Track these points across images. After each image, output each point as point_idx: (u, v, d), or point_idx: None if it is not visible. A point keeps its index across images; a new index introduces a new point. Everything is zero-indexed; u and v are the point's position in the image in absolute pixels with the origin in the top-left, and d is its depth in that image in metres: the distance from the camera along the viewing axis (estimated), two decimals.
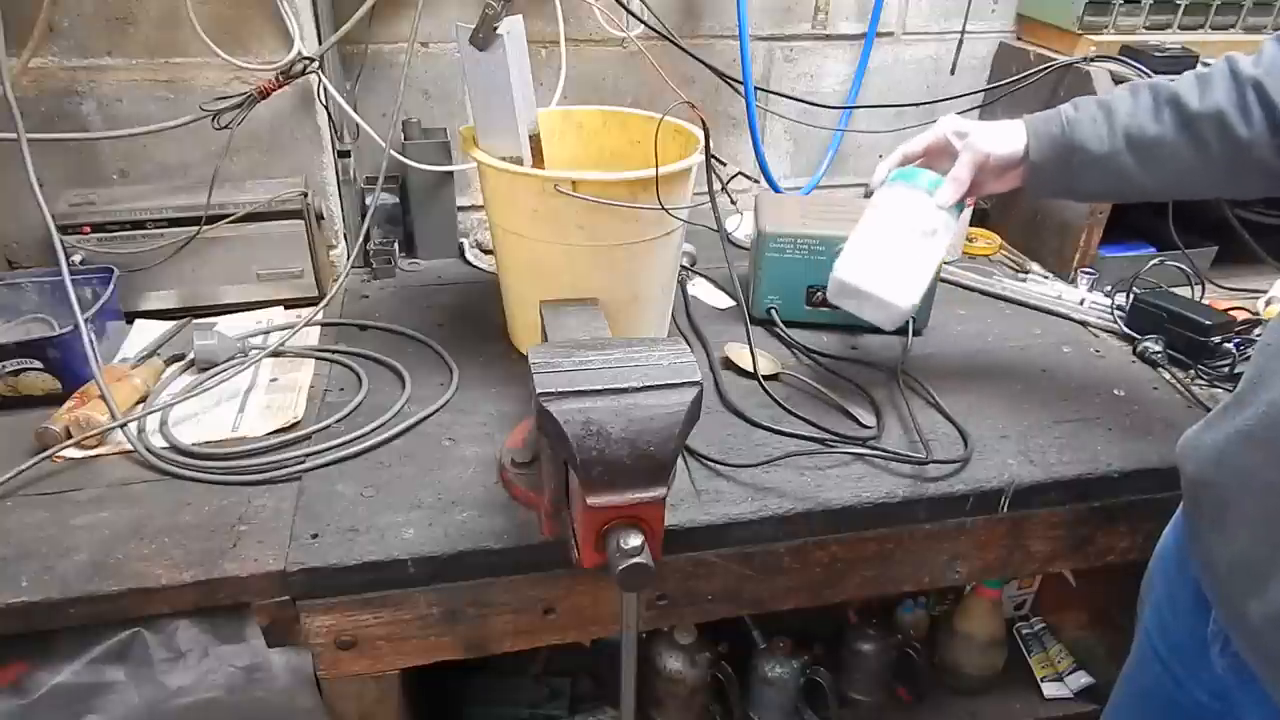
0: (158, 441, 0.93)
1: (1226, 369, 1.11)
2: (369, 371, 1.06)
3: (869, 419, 1.00)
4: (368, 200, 1.28)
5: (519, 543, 0.82)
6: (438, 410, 1.00)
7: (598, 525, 0.64)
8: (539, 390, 0.63)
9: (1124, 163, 0.86)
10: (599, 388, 0.63)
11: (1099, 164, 0.86)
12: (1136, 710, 0.91)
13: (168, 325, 1.16)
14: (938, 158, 0.95)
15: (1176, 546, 0.83)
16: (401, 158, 1.29)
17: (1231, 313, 1.19)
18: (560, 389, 0.63)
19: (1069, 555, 1.03)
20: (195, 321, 1.17)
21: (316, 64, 1.13)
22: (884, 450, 0.94)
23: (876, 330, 1.19)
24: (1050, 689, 1.49)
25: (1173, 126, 0.83)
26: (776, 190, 1.53)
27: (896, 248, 0.93)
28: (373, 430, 0.95)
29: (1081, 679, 1.48)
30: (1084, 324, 1.26)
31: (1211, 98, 0.81)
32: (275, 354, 1.08)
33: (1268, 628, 0.67)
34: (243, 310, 1.21)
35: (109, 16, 1.09)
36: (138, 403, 0.99)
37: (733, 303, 1.28)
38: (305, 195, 1.18)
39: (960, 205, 0.94)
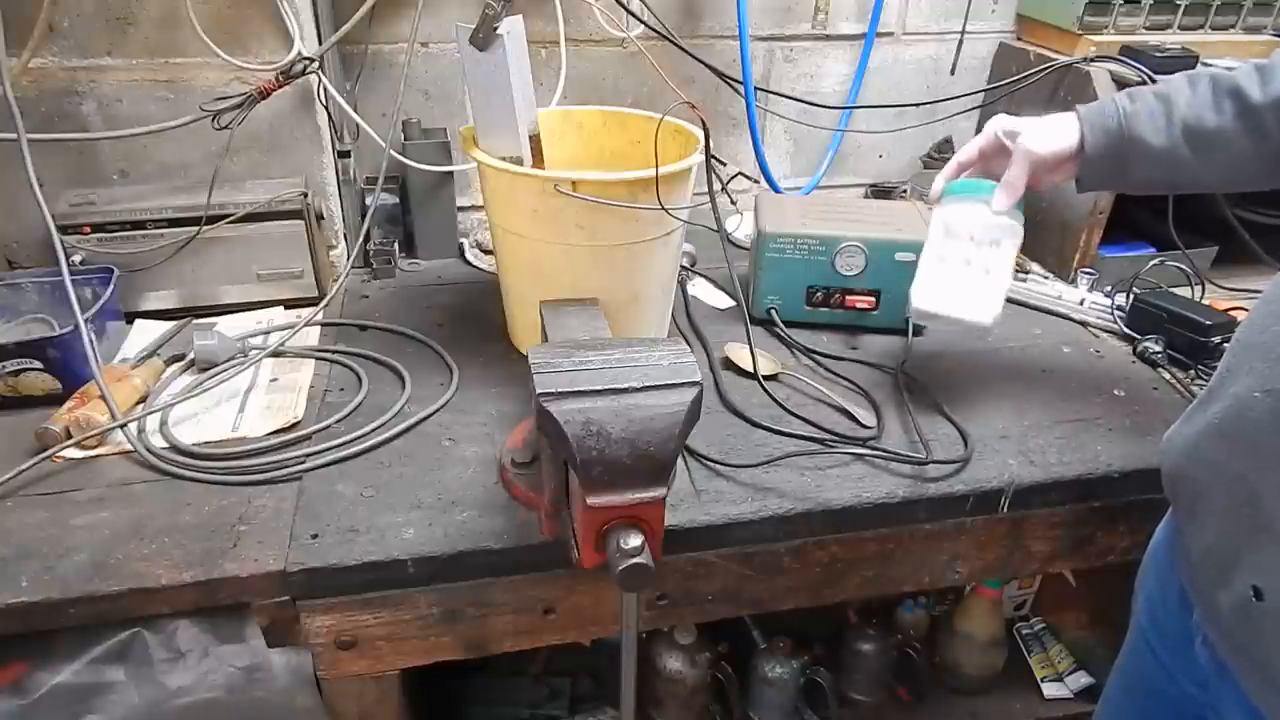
0: (158, 441, 0.93)
1: None
2: (369, 371, 1.06)
3: (869, 419, 1.00)
4: (368, 200, 1.28)
5: (519, 543, 0.82)
6: (438, 410, 1.00)
7: (598, 525, 0.64)
8: (539, 390, 0.63)
9: (1181, 155, 0.84)
10: (599, 388, 0.63)
11: (1155, 156, 0.85)
12: (1129, 701, 0.93)
13: (168, 325, 1.16)
14: (993, 159, 0.95)
15: (1167, 541, 0.85)
16: (401, 158, 1.29)
17: (1231, 313, 1.18)
18: (560, 389, 0.63)
19: (1069, 555, 1.03)
20: (195, 321, 1.17)
21: (316, 64, 1.13)
22: (884, 450, 0.94)
23: (877, 330, 1.20)
24: (1050, 689, 1.49)
25: (1233, 117, 0.82)
26: (776, 190, 1.53)
27: (965, 266, 0.95)
28: (373, 430, 0.95)
29: (1081, 679, 1.48)
30: (1084, 324, 1.26)
31: (1274, 87, 0.81)
32: (275, 354, 1.08)
33: (1234, 618, 0.69)
34: (243, 310, 1.21)
35: (109, 16, 1.09)
36: (138, 403, 0.99)
37: (733, 303, 1.29)
38: (305, 195, 1.18)
39: (1021, 204, 0.94)
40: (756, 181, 1.39)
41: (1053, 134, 0.89)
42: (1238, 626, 0.69)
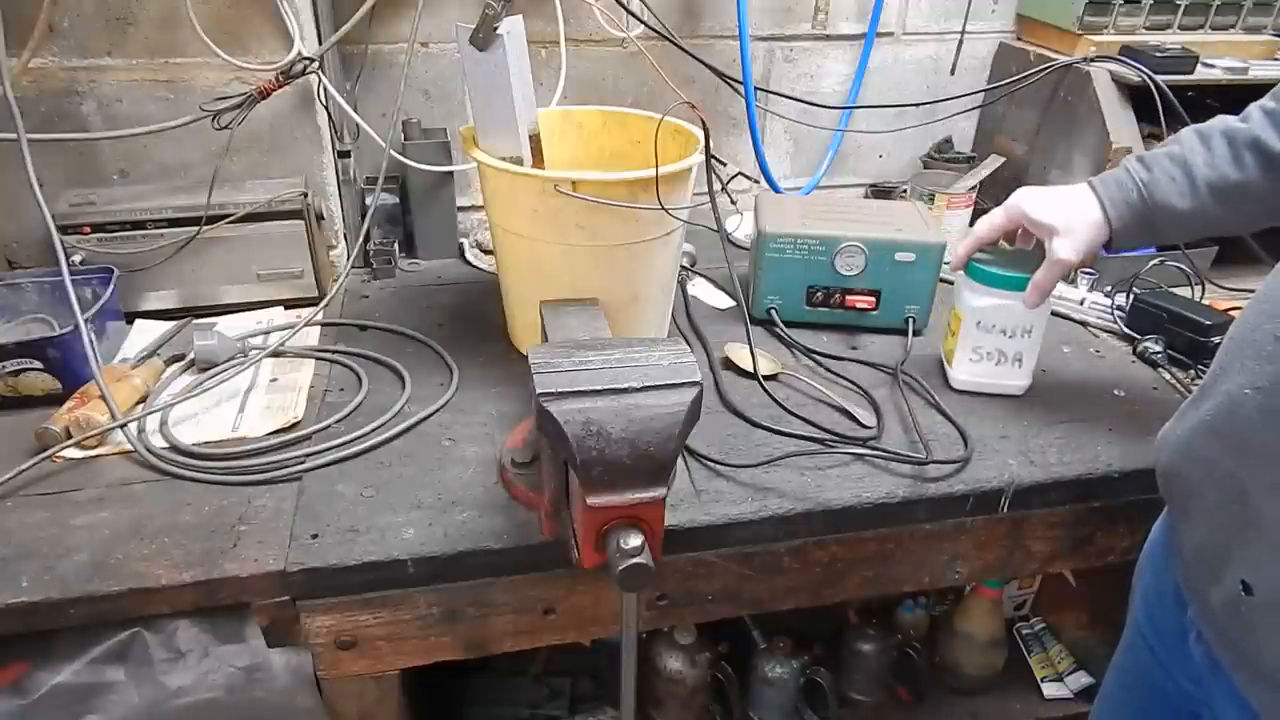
0: (158, 441, 0.93)
1: None
2: (369, 371, 1.06)
3: (869, 419, 1.00)
4: (368, 200, 1.28)
5: (519, 543, 0.82)
6: (438, 410, 1.00)
7: (598, 525, 0.64)
8: (539, 390, 0.63)
9: (1210, 212, 0.84)
10: (599, 388, 0.63)
11: (1184, 218, 0.85)
12: (1127, 698, 0.93)
13: (168, 325, 1.16)
14: (1014, 234, 0.98)
15: (1163, 538, 0.85)
16: (401, 158, 1.29)
17: (1231, 313, 1.18)
18: (560, 389, 0.63)
19: (1069, 555, 1.03)
20: (195, 321, 1.17)
21: (316, 64, 1.13)
22: (884, 450, 0.94)
23: (876, 330, 1.20)
24: (1050, 689, 1.49)
25: (1257, 170, 0.81)
26: (776, 190, 1.53)
27: (1000, 356, 1.03)
28: (373, 430, 0.95)
29: (1081, 679, 1.48)
30: (1084, 324, 1.26)
31: None
32: (275, 354, 1.08)
33: (1225, 613, 0.70)
34: (243, 310, 1.21)
35: (109, 16, 1.09)
36: (138, 403, 0.99)
37: (733, 303, 1.28)
38: (305, 195, 1.18)
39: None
40: (756, 181, 1.39)
41: (1083, 237, 0.87)
42: (1229, 622, 0.70)
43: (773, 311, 1.19)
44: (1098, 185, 0.88)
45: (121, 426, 0.92)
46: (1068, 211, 0.88)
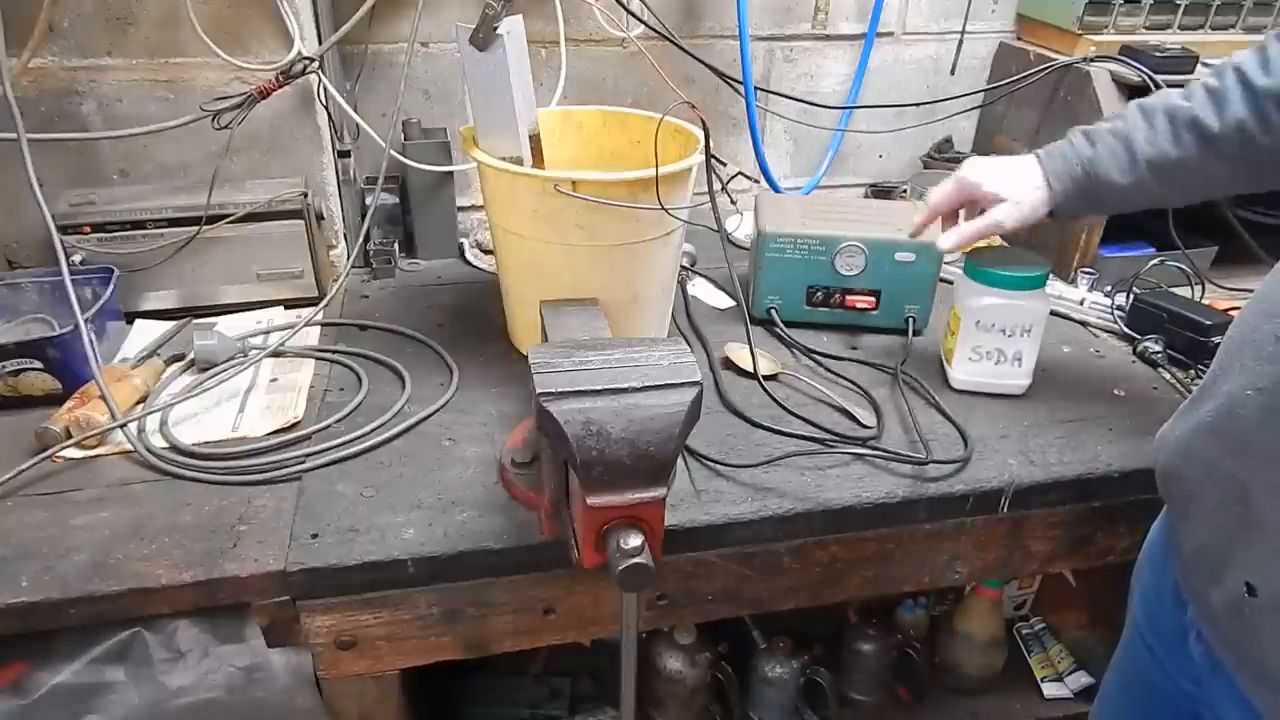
0: (158, 441, 0.93)
1: None
2: (369, 371, 1.06)
3: (869, 419, 1.00)
4: (368, 200, 1.28)
5: (519, 543, 0.82)
6: (438, 410, 1.00)
7: (598, 525, 0.64)
8: (539, 390, 0.63)
9: (1149, 187, 0.87)
10: (599, 388, 0.63)
11: (1125, 192, 0.88)
12: (1126, 698, 0.93)
13: (168, 325, 1.16)
14: (966, 206, 0.98)
15: (1161, 538, 0.85)
16: (401, 158, 1.29)
17: (1231, 313, 1.18)
18: (560, 389, 0.63)
19: (1069, 555, 1.03)
20: (195, 321, 1.17)
21: (316, 64, 1.13)
22: (884, 450, 0.94)
23: (877, 330, 1.20)
24: (1050, 689, 1.49)
25: (1195, 147, 0.83)
26: (776, 190, 1.53)
27: (999, 355, 1.03)
28: (373, 430, 0.95)
29: (1081, 679, 1.48)
30: (1084, 324, 1.26)
31: (1230, 114, 0.81)
32: (275, 354, 1.08)
33: (1227, 615, 0.70)
34: (243, 310, 1.21)
35: (109, 16, 1.09)
36: (138, 403, 0.99)
37: (733, 303, 1.28)
38: (305, 195, 1.18)
39: (1041, 279, 1.00)
40: (756, 181, 1.39)
41: (1027, 208, 0.91)
42: (1231, 623, 0.69)
43: (773, 311, 1.19)
44: (1044, 158, 0.91)
45: (121, 426, 0.92)
46: (1015, 182, 0.91)
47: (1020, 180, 0.91)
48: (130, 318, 1.17)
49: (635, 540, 0.63)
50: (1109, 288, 1.31)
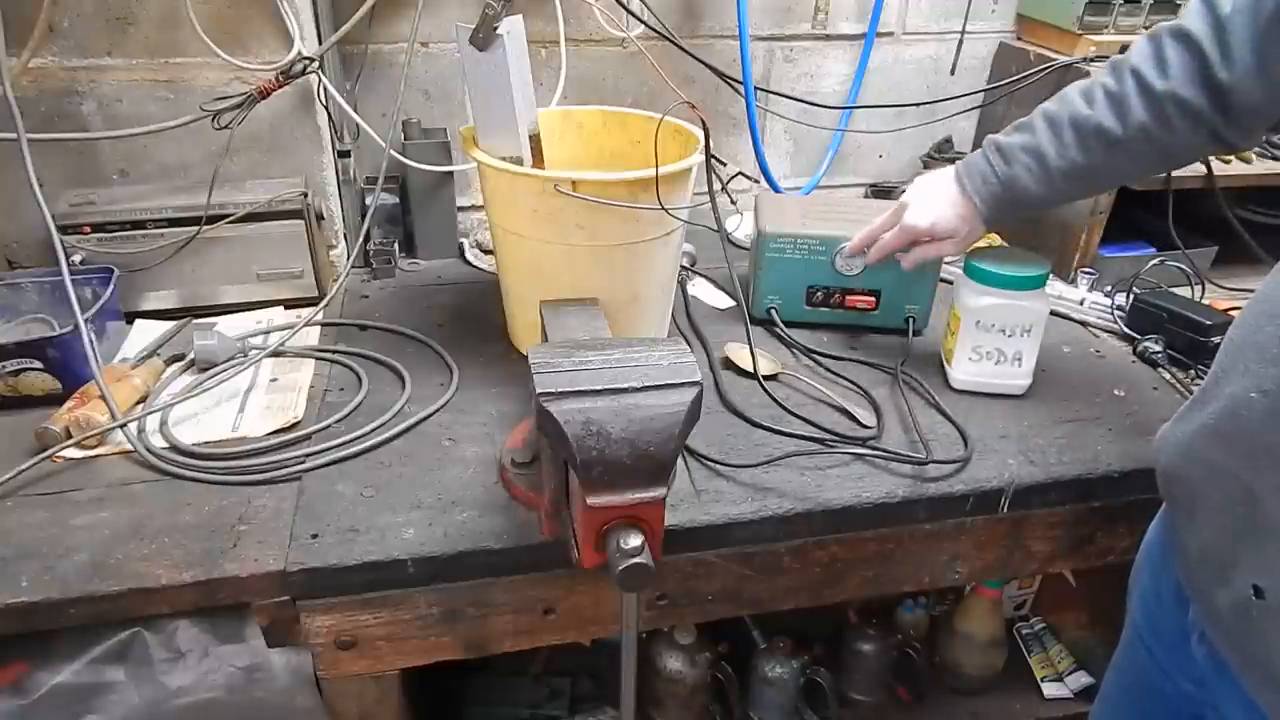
0: (158, 441, 0.93)
1: None
2: (369, 371, 1.06)
3: (869, 419, 1.00)
4: (368, 200, 1.28)
5: (519, 543, 0.82)
6: (438, 410, 1.00)
7: (598, 525, 0.64)
8: (539, 390, 0.63)
9: (1065, 190, 0.93)
10: (599, 388, 0.63)
11: (1043, 199, 0.93)
12: (1125, 698, 0.93)
13: (168, 325, 1.16)
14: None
15: (1161, 538, 0.85)
16: (401, 158, 1.29)
17: (1231, 313, 1.19)
18: (560, 389, 0.63)
19: (1069, 555, 1.03)
20: (195, 321, 1.17)
21: (316, 64, 1.13)
22: (884, 450, 0.94)
23: (877, 330, 1.20)
24: (1050, 689, 1.49)
25: (1102, 152, 0.87)
26: (776, 190, 1.53)
27: (999, 355, 1.04)
28: (373, 430, 0.95)
29: (1081, 679, 1.48)
30: (1084, 324, 1.26)
31: (1132, 119, 0.85)
32: (275, 354, 1.08)
33: (1233, 617, 0.69)
34: (243, 310, 1.21)
35: (109, 16, 1.09)
36: (138, 403, 0.99)
37: (733, 303, 1.28)
38: (305, 195, 1.18)
39: (1041, 279, 1.01)
40: (756, 181, 1.39)
41: (967, 237, 0.99)
42: (1238, 625, 0.69)
43: (773, 311, 1.19)
44: (966, 182, 0.96)
45: (121, 426, 0.92)
46: (954, 219, 0.97)
47: (956, 215, 0.97)
48: (130, 318, 1.17)
49: (635, 540, 0.63)
50: (1109, 288, 1.31)
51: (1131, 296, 1.23)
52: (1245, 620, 0.68)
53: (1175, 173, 1.28)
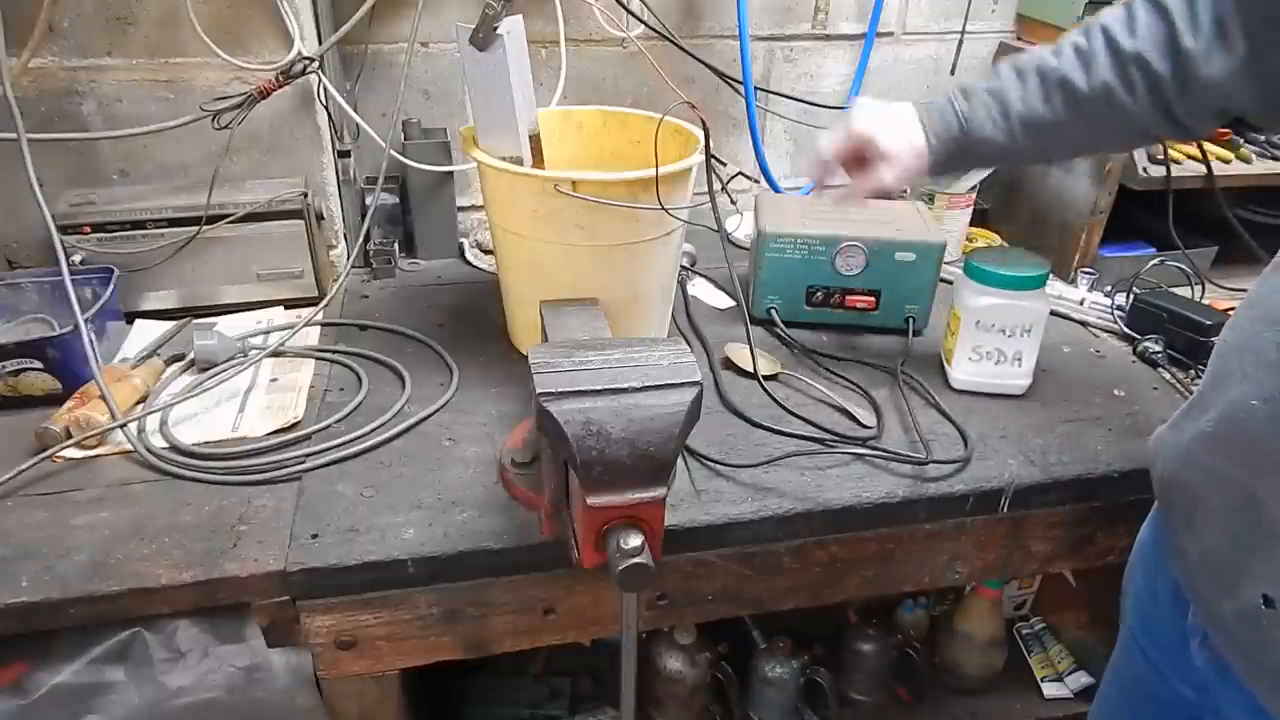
0: (158, 441, 0.93)
1: None
2: (369, 371, 1.06)
3: (869, 419, 1.00)
4: (368, 200, 1.28)
5: (519, 543, 0.82)
6: (438, 410, 1.00)
7: (598, 525, 0.64)
8: (539, 390, 0.63)
9: (1021, 145, 0.88)
10: (599, 388, 0.63)
11: (998, 149, 0.89)
12: (1122, 703, 0.92)
13: (168, 325, 1.16)
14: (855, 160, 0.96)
15: (1154, 541, 0.84)
16: (401, 158, 1.29)
17: (1231, 313, 1.18)
18: (560, 389, 0.63)
19: (1069, 555, 1.03)
20: (195, 321, 1.17)
21: (316, 64, 1.13)
22: (884, 450, 0.94)
23: (876, 330, 1.20)
24: (1050, 689, 1.49)
25: (1063, 107, 0.85)
26: (776, 190, 1.53)
27: (999, 355, 1.03)
28: (373, 430, 0.95)
29: (1081, 679, 1.48)
30: (1084, 324, 1.26)
31: (1098, 76, 0.83)
32: (275, 354, 1.08)
33: (1240, 624, 0.68)
34: (243, 310, 1.21)
35: (109, 16, 1.09)
36: (138, 403, 0.99)
37: (733, 303, 1.28)
38: (305, 195, 1.18)
39: (1041, 279, 1.00)
40: (756, 181, 1.39)
41: (910, 166, 0.92)
42: (1245, 632, 0.68)
43: (773, 311, 1.19)
44: (924, 117, 0.92)
45: (121, 426, 0.92)
46: (901, 139, 0.91)
47: (906, 137, 0.91)
48: (130, 318, 1.17)
49: (635, 540, 0.63)
50: (1109, 288, 1.31)
51: (1131, 296, 1.23)
52: (1254, 629, 0.67)
53: (1175, 172, 1.28)
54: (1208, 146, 1.31)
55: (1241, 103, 0.79)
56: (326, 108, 1.21)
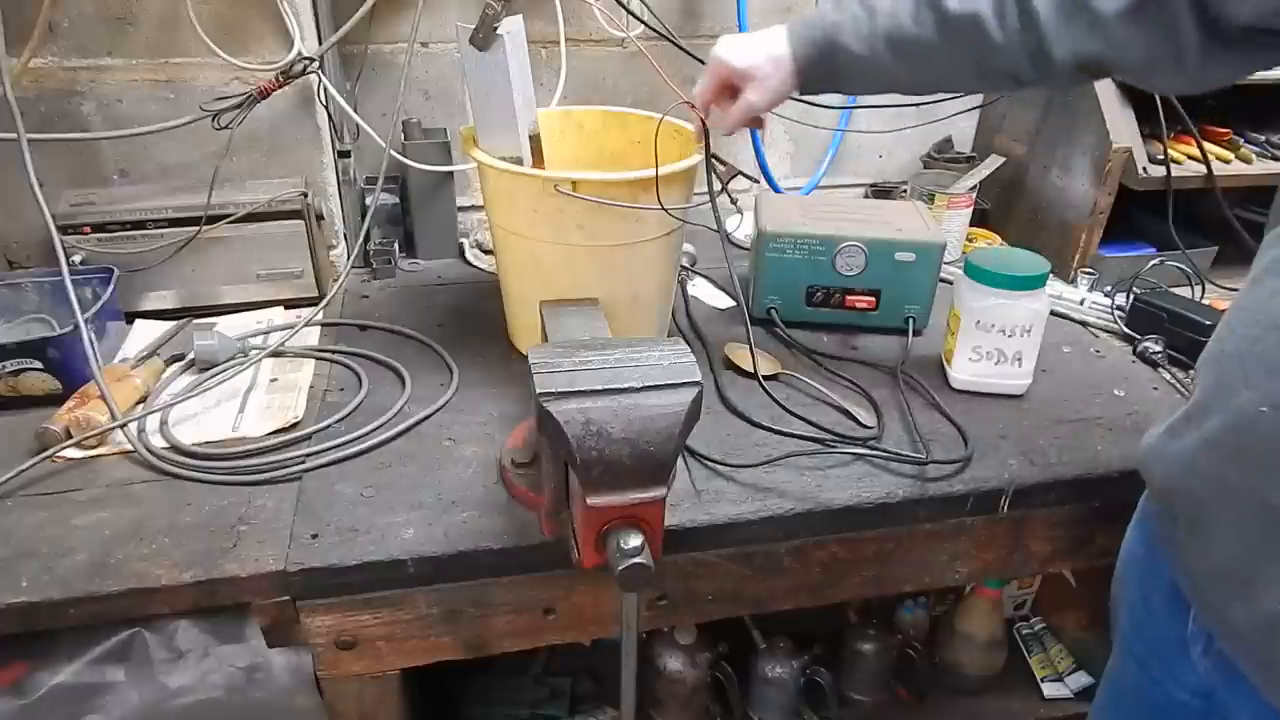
0: (158, 441, 0.93)
1: None
2: (369, 371, 1.06)
3: (869, 419, 1.00)
4: (368, 200, 1.28)
5: (519, 543, 0.82)
6: (438, 410, 1.00)
7: (598, 525, 0.64)
8: (539, 390, 0.63)
9: (886, 64, 0.84)
10: (599, 388, 0.63)
11: (862, 64, 0.85)
12: (1118, 710, 0.91)
13: (168, 325, 1.16)
14: (728, 88, 0.93)
15: (1145, 548, 0.83)
16: (401, 158, 1.29)
17: None
18: (560, 389, 0.63)
19: (1069, 555, 1.03)
20: (195, 321, 1.17)
21: (316, 64, 1.13)
22: (884, 450, 0.94)
23: (876, 330, 1.20)
24: (1050, 689, 1.49)
25: (931, 27, 0.81)
26: (776, 190, 1.53)
27: (1000, 355, 1.03)
28: (373, 430, 0.95)
29: (1081, 679, 1.47)
30: (1084, 324, 1.26)
31: (972, 2, 0.79)
32: (275, 354, 1.08)
33: (1256, 633, 0.67)
34: (243, 310, 1.21)
35: (109, 16, 1.09)
36: (138, 403, 0.99)
37: (733, 303, 1.28)
38: (305, 195, 1.18)
39: (1041, 279, 1.00)
40: (756, 181, 1.39)
41: (773, 83, 0.88)
42: (1263, 640, 0.67)
43: (773, 311, 1.19)
44: (789, 30, 0.88)
45: (121, 426, 0.92)
46: (761, 57, 0.88)
47: (767, 53, 0.88)
48: (130, 318, 1.17)
49: (635, 540, 0.63)
50: (1109, 288, 1.31)
51: (1131, 296, 1.23)
52: (1272, 636, 0.65)
53: (1175, 173, 1.28)
54: (1208, 146, 1.31)
55: (1118, 55, 0.75)
56: (326, 108, 1.21)
